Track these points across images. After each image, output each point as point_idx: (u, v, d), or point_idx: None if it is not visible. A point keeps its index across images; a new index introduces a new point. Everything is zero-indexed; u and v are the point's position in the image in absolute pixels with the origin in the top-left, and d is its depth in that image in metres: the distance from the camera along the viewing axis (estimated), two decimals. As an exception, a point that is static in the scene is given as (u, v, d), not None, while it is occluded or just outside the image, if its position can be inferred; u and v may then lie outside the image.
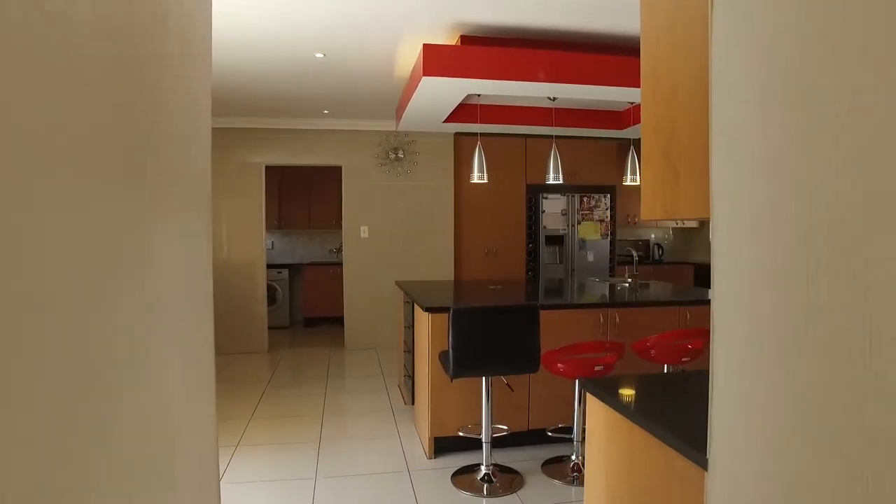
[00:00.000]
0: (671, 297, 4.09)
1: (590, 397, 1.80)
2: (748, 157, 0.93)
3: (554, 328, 3.55)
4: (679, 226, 8.28)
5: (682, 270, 7.93)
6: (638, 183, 4.90)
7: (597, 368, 3.13)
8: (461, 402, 3.52)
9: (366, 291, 6.85)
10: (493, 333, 2.87)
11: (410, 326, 4.15)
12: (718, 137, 1.01)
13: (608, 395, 1.69)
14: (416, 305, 3.81)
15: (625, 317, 3.74)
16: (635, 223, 8.08)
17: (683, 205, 1.28)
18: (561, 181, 4.73)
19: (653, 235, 8.64)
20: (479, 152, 4.52)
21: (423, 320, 3.54)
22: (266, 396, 4.83)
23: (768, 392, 0.90)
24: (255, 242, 6.62)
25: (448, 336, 2.85)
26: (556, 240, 7.38)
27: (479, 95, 4.94)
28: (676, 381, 1.87)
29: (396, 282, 5.00)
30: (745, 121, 0.94)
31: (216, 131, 6.43)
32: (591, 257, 7.48)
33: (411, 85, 4.37)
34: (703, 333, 3.36)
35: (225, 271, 6.52)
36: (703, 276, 7.55)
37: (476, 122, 5.62)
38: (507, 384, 3.37)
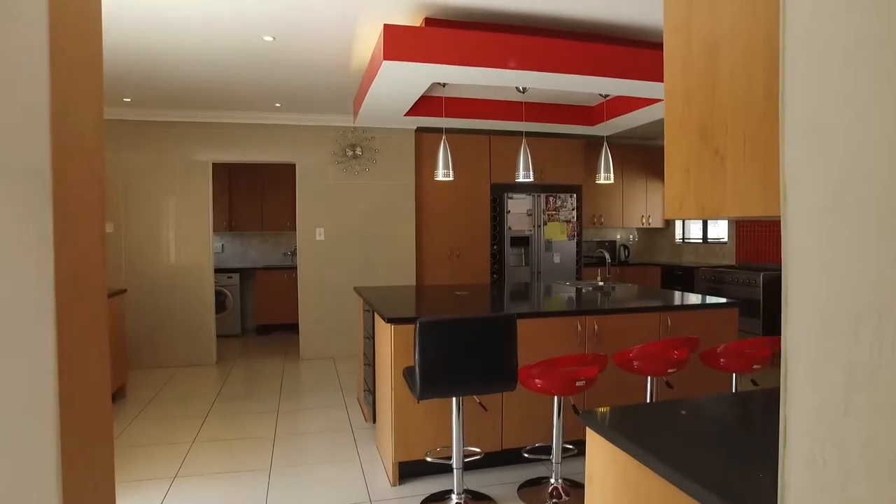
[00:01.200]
0: (651, 302, 3.85)
1: (590, 434, 1.49)
2: (855, 123, 0.63)
3: (528, 338, 3.25)
4: (645, 226, 8.14)
5: (649, 271, 7.78)
6: (611, 181, 4.66)
7: (578, 384, 2.84)
8: (428, 423, 3.18)
9: (322, 298, 6.44)
10: (465, 348, 2.54)
11: (371, 337, 3.79)
12: (797, 103, 0.71)
13: (615, 431, 1.38)
14: (376, 315, 3.46)
15: (604, 324, 3.47)
16: (601, 224, 7.90)
17: (732, 199, 0.98)
18: (531, 179, 4.45)
19: (618, 236, 8.48)
20: (444, 147, 4.19)
21: (385, 332, 3.18)
22: (212, 416, 4.38)
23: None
24: (202, 245, 6.12)
25: (414, 351, 2.51)
26: (521, 241, 7.13)
27: (444, 85, 4.61)
28: (700, 412, 1.58)
29: (355, 288, 4.63)
30: (850, 79, 0.64)
31: (154, 125, 5.93)
32: (557, 259, 7.25)
33: (370, 72, 4.01)
34: (688, 343, 3.12)
35: (169, 277, 6.02)
36: (669, 277, 7.41)
37: (441, 115, 5.29)
38: (480, 403, 3.05)
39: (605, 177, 4.62)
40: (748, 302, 5.99)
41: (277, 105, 5.71)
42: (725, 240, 7.32)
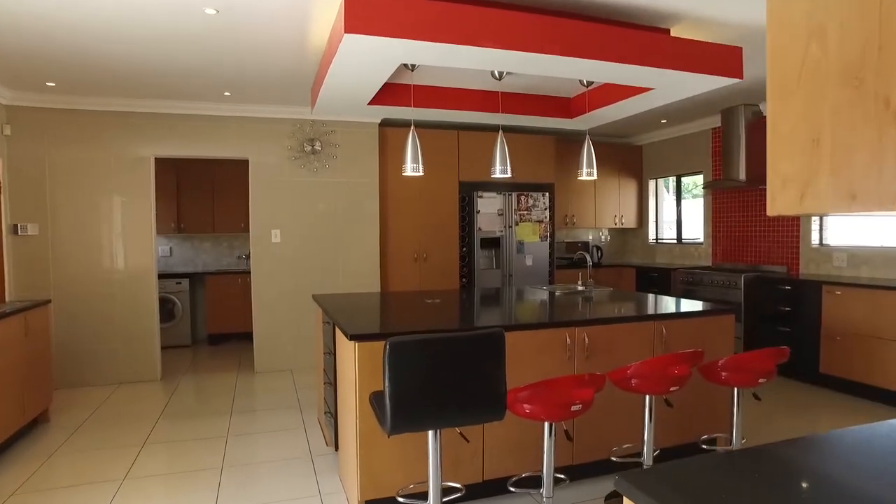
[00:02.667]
0: (643, 310, 3.51)
1: (633, 508, 1.10)
2: None
3: (512, 354, 2.86)
4: (618, 226, 7.88)
5: (623, 273, 7.52)
6: (594, 177, 4.32)
7: (574, 408, 2.47)
8: (399, 455, 2.75)
9: (278, 305, 5.93)
10: (444, 372, 2.13)
11: (332, 353, 3.34)
12: None
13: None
14: (338, 330, 3.01)
15: (595, 336, 3.11)
16: (573, 224, 7.60)
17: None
18: (508, 174, 4.06)
19: (591, 237, 8.21)
20: (413, 138, 3.76)
21: (348, 351, 2.74)
22: (150, 444, 3.85)
23: None
24: (144, 248, 5.54)
25: (383, 377, 2.09)
26: (492, 242, 6.76)
27: (412, 69, 4.18)
28: (789, 465, 1.21)
29: (314, 296, 4.16)
30: None
31: (86, 115, 5.26)
32: (529, 261, 6.91)
33: (329, 51, 3.55)
34: (691, 358, 2.78)
35: (106, 284, 5.41)
36: (644, 278, 7.16)
37: (409, 104, 4.85)
38: (461, 434, 2.64)
39: (588, 172, 4.27)
40: (729, 305, 5.74)
41: (227, 94, 5.19)
42: (701, 240, 7.10)
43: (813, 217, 5.71)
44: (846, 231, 5.53)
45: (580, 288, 4.68)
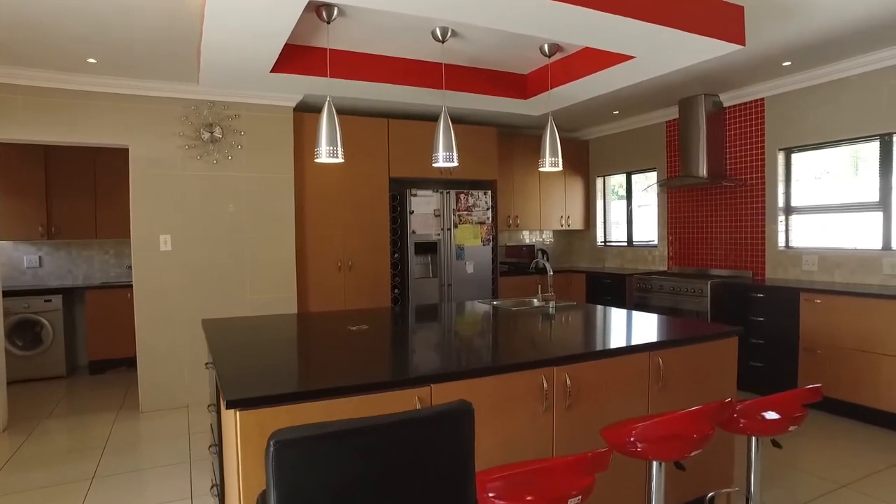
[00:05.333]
0: (633, 336, 2.75)
1: None
2: None
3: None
4: (564, 227, 7.22)
5: (573, 279, 6.85)
6: (558, 168, 3.54)
7: (572, 502, 1.65)
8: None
9: (169, 327, 4.83)
10: (374, 481, 1.25)
11: (218, 412, 2.38)
12: None
13: None
14: (218, 386, 2.07)
15: (579, 376, 2.31)
16: (517, 226, 6.88)
17: None
18: (455, 162, 3.22)
19: (534, 239, 7.51)
20: (329, 113, 2.81)
21: (230, 424, 1.81)
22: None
23: None
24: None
25: (268, 494, 1.19)
26: (428, 247, 5.92)
27: (328, 21, 3.25)
28: None
29: (203, 322, 3.18)
30: None
31: None
32: (470, 268, 6.12)
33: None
34: (716, 412, 2.02)
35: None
36: (596, 285, 6.51)
37: (325, 73, 3.90)
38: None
39: (552, 162, 3.49)
40: (695, 314, 5.16)
41: (91, 61, 4.06)
42: (655, 242, 6.53)
43: (779, 216, 5.22)
44: (814, 232, 5.06)
45: (538, 303, 3.91)
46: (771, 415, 2.31)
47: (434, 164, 3.23)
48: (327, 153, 2.76)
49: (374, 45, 3.89)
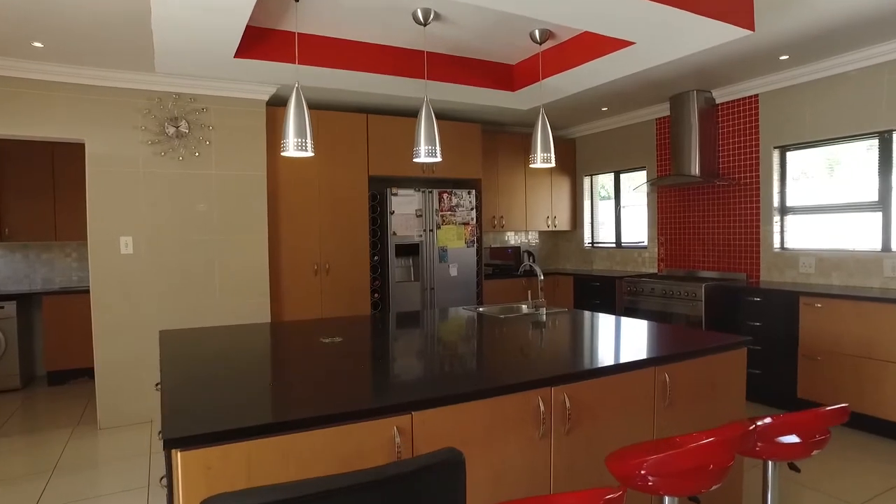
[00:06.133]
0: (635, 349, 2.50)
1: None
2: None
3: (455, 437, 1.75)
4: (551, 228, 6.99)
5: (560, 282, 6.62)
6: (551, 164, 3.28)
7: (581, 558, 1.39)
8: None
9: (131, 336, 4.48)
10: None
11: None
12: None
13: None
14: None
15: (579, 396, 2.05)
16: (501, 226, 6.62)
17: None
18: (438, 157, 2.94)
19: (520, 240, 7.26)
20: (298, 100, 2.50)
21: (173, 462, 1.51)
22: None
23: None
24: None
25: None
26: (409, 249, 5.63)
27: None
28: None
29: (161, 333, 2.87)
30: None
31: None
32: (454, 271, 5.85)
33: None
34: (738, 441, 1.77)
35: None
36: (584, 288, 6.28)
37: (293, 60, 3.59)
38: None
39: (544, 157, 3.22)
40: (686, 318, 4.94)
41: (37, 45, 3.71)
42: (645, 244, 6.32)
43: (774, 217, 5.02)
44: (810, 233, 4.87)
45: (527, 309, 3.65)
46: (791, 438, 2.07)
47: (415, 159, 2.95)
48: (295, 146, 2.46)
49: (348, 28, 3.59)
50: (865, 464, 3.44)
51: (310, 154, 2.55)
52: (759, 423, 2.04)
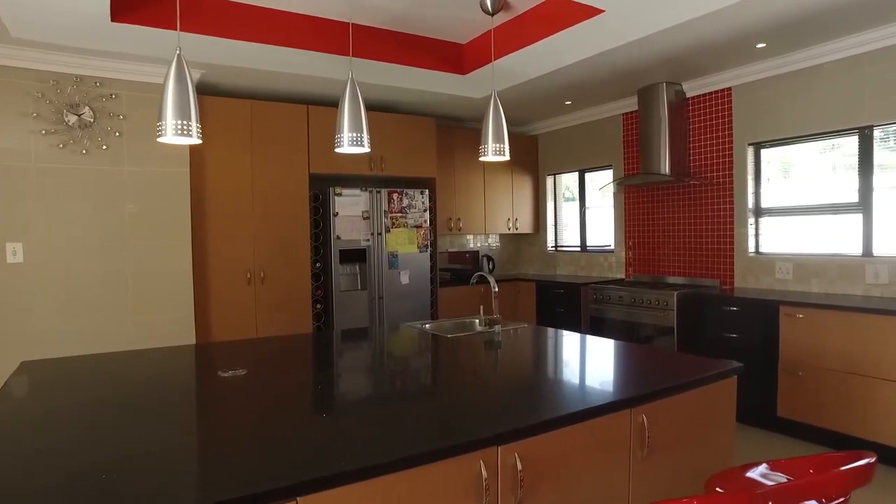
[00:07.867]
0: (606, 383, 2.03)
1: None
2: None
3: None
4: (512, 231, 6.54)
5: (521, 288, 6.16)
6: (505, 156, 2.81)
7: None
8: None
9: (12, 362, 3.82)
10: None
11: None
12: None
13: None
14: None
15: (534, 454, 1.56)
16: (458, 230, 6.14)
17: None
18: (365, 147, 2.42)
19: (479, 245, 6.79)
20: (179, 71, 1.94)
21: None
22: None
23: None
24: None
25: None
26: (355, 255, 5.09)
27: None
28: None
29: (22, 364, 2.28)
30: None
31: None
32: (405, 279, 5.34)
33: None
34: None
35: None
36: (547, 295, 5.84)
37: (177, 27, 3.01)
38: None
39: (496, 149, 2.73)
40: (655, 329, 4.54)
41: None
42: (612, 247, 5.92)
43: (749, 219, 4.67)
44: (787, 236, 4.52)
45: (480, 327, 3.16)
46: None
47: (337, 149, 2.43)
48: (175, 129, 1.91)
49: None
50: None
51: (195, 141, 2.01)
52: (767, 482, 1.59)
